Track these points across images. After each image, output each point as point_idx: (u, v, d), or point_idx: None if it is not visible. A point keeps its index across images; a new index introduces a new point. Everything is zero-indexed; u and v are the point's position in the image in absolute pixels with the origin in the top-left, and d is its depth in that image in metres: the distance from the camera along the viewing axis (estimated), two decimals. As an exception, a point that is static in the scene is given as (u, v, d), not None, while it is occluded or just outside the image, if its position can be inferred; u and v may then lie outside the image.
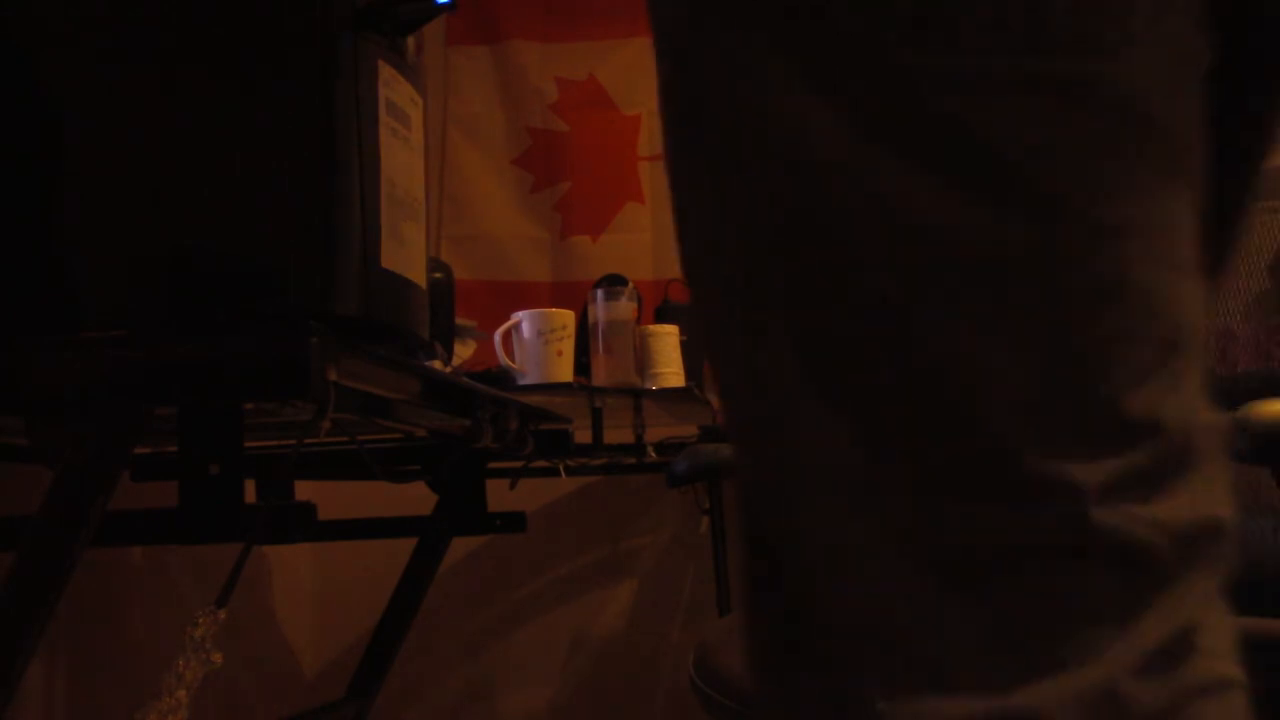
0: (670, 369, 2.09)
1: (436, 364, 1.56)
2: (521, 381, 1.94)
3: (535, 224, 2.69)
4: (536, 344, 1.95)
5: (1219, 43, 0.47)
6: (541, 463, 1.81)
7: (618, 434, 2.05)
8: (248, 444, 1.04)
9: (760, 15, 0.45)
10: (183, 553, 2.18)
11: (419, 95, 1.09)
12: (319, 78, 0.93)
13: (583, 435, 1.92)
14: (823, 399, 0.45)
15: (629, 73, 2.69)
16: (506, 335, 1.96)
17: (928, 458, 0.44)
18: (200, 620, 0.89)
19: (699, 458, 1.71)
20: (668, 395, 2.09)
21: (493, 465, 1.79)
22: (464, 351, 1.96)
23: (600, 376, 2.01)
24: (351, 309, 0.95)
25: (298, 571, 2.53)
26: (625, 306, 2.03)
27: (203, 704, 0.94)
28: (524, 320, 1.96)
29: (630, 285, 2.09)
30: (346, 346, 0.94)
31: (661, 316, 2.23)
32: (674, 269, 2.53)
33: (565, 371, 1.97)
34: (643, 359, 2.07)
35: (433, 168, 2.65)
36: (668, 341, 2.10)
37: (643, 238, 2.63)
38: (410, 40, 1.06)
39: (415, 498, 1.74)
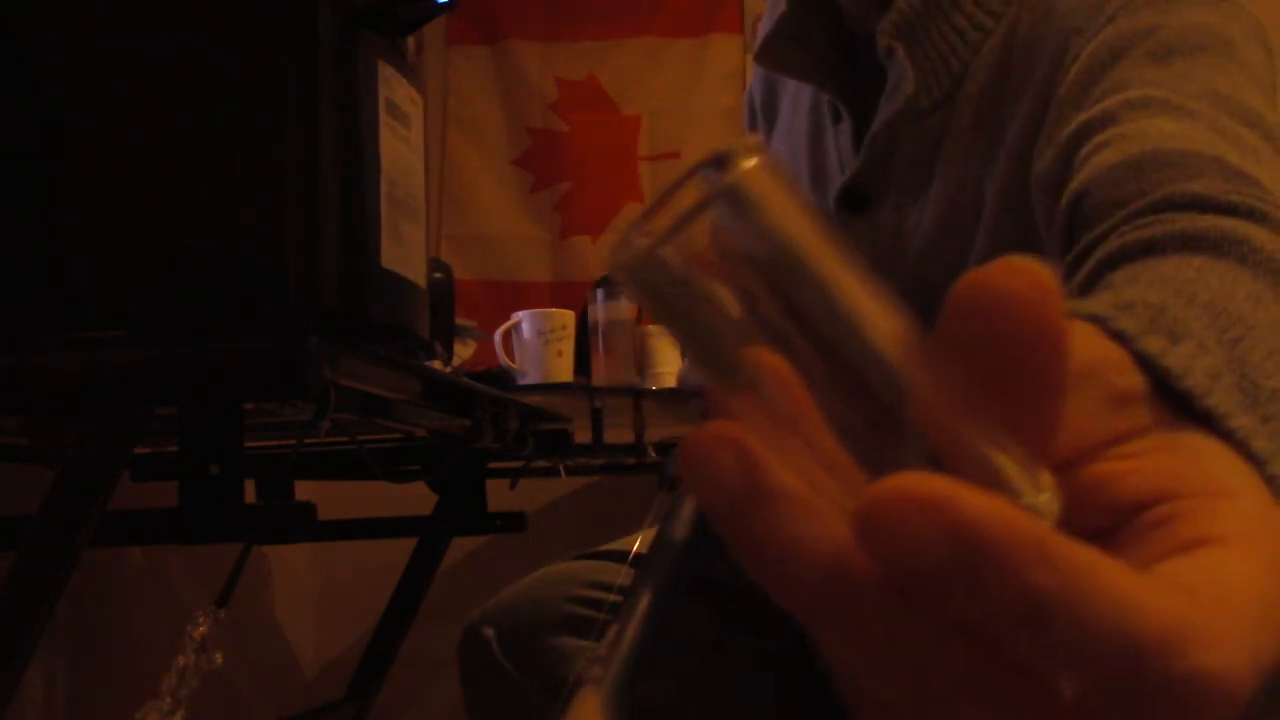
0: (670, 369, 2.09)
1: (436, 364, 1.56)
2: (521, 381, 1.94)
3: (535, 224, 2.69)
4: (536, 344, 1.95)
5: None
6: (541, 463, 1.81)
7: (618, 434, 2.05)
8: (248, 444, 1.03)
9: None
10: (183, 553, 2.18)
11: (419, 95, 1.09)
12: (319, 78, 0.93)
13: (583, 435, 1.92)
14: None
15: (629, 73, 2.69)
16: (506, 335, 1.96)
17: None
18: (200, 620, 0.89)
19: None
20: (668, 395, 2.09)
21: (493, 465, 1.79)
22: (464, 351, 1.96)
23: (600, 376, 2.00)
24: (351, 309, 0.95)
25: (298, 571, 2.53)
26: (625, 306, 2.03)
27: (203, 704, 0.94)
28: (524, 320, 1.96)
29: (630, 285, 2.09)
30: (346, 346, 0.93)
31: (661, 316, 2.23)
32: (674, 269, 2.53)
33: (565, 371, 1.97)
34: (643, 359, 2.07)
35: (433, 168, 2.65)
36: (668, 341, 2.10)
37: (643, 238, 2.63)
38: (410, 40, 1.06)
39: (415, 498, 1.74)
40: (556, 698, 0.98)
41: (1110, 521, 0.28)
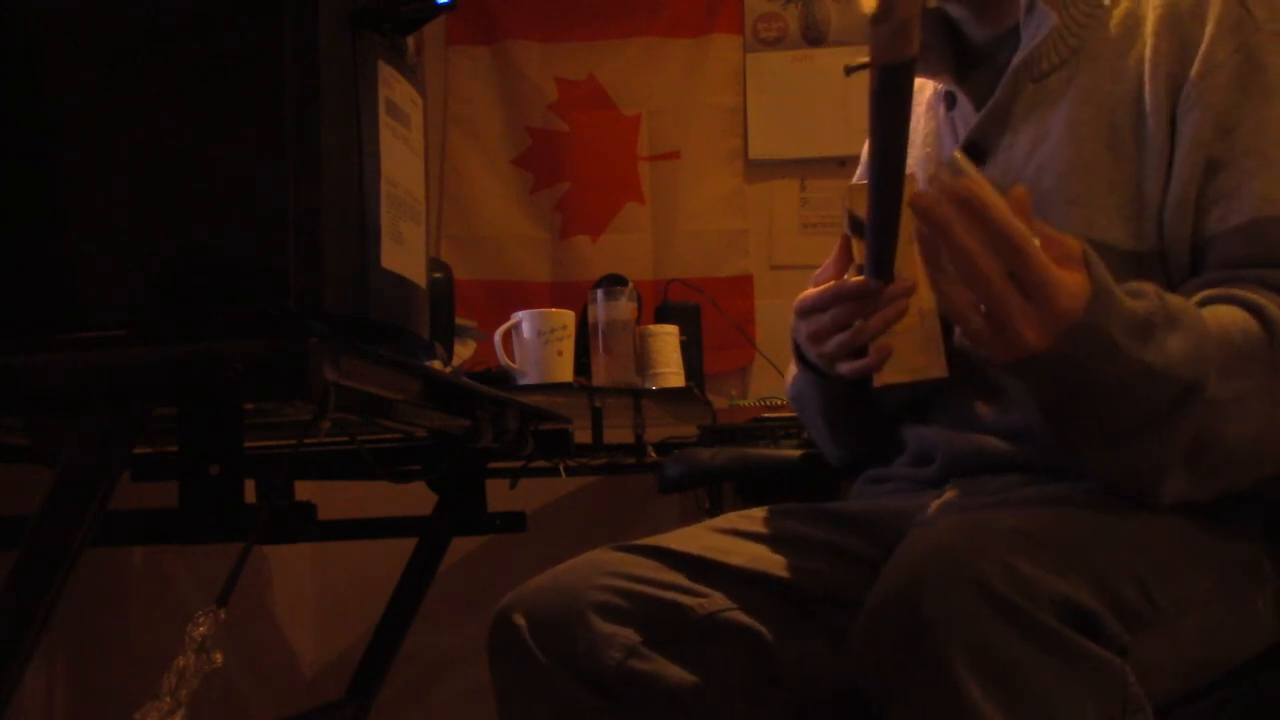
0: (670, 369, 2.09)
1: (436, 364, 1.56)
2: (521, 381, 1.94)
3: (535, 224, 2.69)
4: (536, 344, 1.95)
5: None
6: (541, 463, 1.81)
7: (618, 434, 2.05)
8: (248, 444, 1.03)
9: None
10: (183, 553, 2.18)
11: (419, 95, 1.09)
12: (319, 78, 0.93)
13: (583, 435, 1.92)
14: None
15: (629, 73, 2.69)
16: (506, 335, 1.96)
17: None
18: (200, 620, 0.88)
19: (692, 463, 1.59)
20: (668, 395, 2.09)
21: (493, 465, 1.79)
22: (464, 351, 1.96)
23: (600, 376, 2.00)
24: (351, 309, 0.95)
25: (298, 571, 2.53)
26: (625, 306, 2.03)
27: (203, 704, 0.94)
28: (524, 320, 1.96)
29: (630, 285, 2.09)
30: (346, 346, 0.94)
31: (661, 316, 2.23)
32: (674, 269, 2.53)
33: (565, 371, 1.97)
34: (643, 359, 2.07)
35: (433, 168, 2.65)
36: (668, 341, 2.10)
37: (643, 238, 2.63)
38: (410, 40, 1.06)
39: (415, 498, 1.74)
40: (586, 683, 0.99)
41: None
